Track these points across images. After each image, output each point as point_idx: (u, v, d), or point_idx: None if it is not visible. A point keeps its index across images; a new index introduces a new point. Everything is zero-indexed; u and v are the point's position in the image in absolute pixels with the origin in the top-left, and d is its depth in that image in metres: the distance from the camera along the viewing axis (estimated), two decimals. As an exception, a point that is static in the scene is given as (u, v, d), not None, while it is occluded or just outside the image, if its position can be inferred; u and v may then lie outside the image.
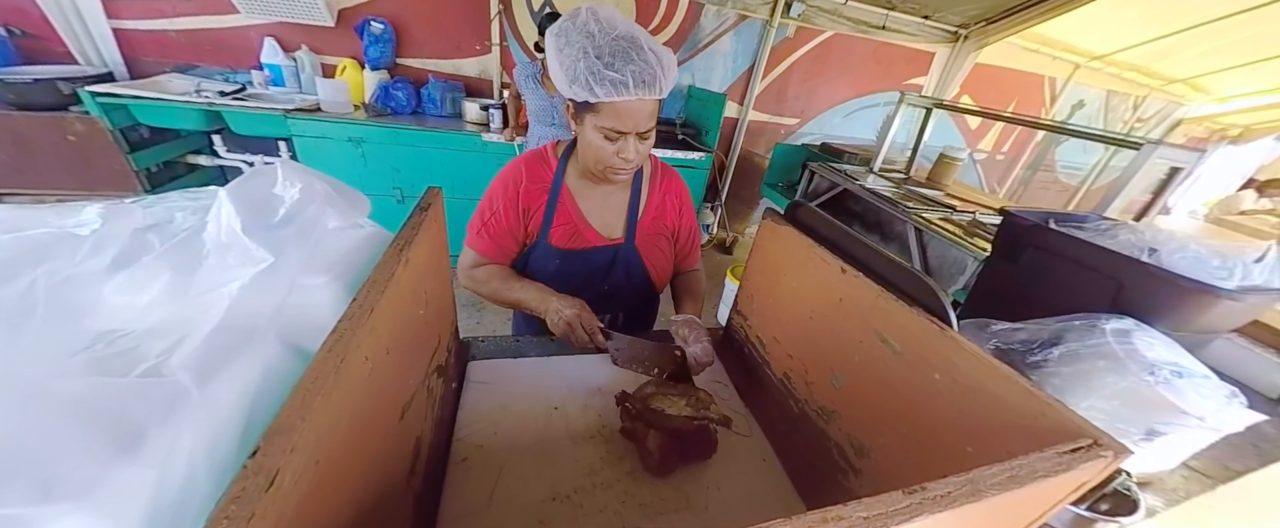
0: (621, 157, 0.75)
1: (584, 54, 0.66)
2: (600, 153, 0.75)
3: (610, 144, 0.73)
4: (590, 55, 0.66)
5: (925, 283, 0.49)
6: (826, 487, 0.61)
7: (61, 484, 0.18)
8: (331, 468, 0.27)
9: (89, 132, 1.91)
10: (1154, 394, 0.68)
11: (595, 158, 0.77)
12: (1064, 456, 0.31)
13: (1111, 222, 1.17)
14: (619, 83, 0.66)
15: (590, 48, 0.66)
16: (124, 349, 0.25)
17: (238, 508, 0.19)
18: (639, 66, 0.66)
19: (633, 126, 0.71)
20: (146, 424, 0.21)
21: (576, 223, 0.87)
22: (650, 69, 0.67)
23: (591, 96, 0.68)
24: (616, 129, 0.71)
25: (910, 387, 0.49)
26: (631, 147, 0.73)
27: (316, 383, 0.26)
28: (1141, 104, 4.19)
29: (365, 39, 2.36)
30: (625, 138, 0.73)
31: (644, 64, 0.67)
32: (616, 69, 0.65)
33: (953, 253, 1.65)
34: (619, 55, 0.66)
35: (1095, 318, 0.82)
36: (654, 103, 0.71)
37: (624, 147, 0.73)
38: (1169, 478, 0.79)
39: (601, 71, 0.65)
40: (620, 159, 0.75)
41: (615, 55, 0.66)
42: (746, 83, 3.14)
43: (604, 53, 0.66)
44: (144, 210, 0.35)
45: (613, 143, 0.73)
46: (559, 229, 0.87)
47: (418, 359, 0.49)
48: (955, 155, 2.25)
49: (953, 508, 0.26)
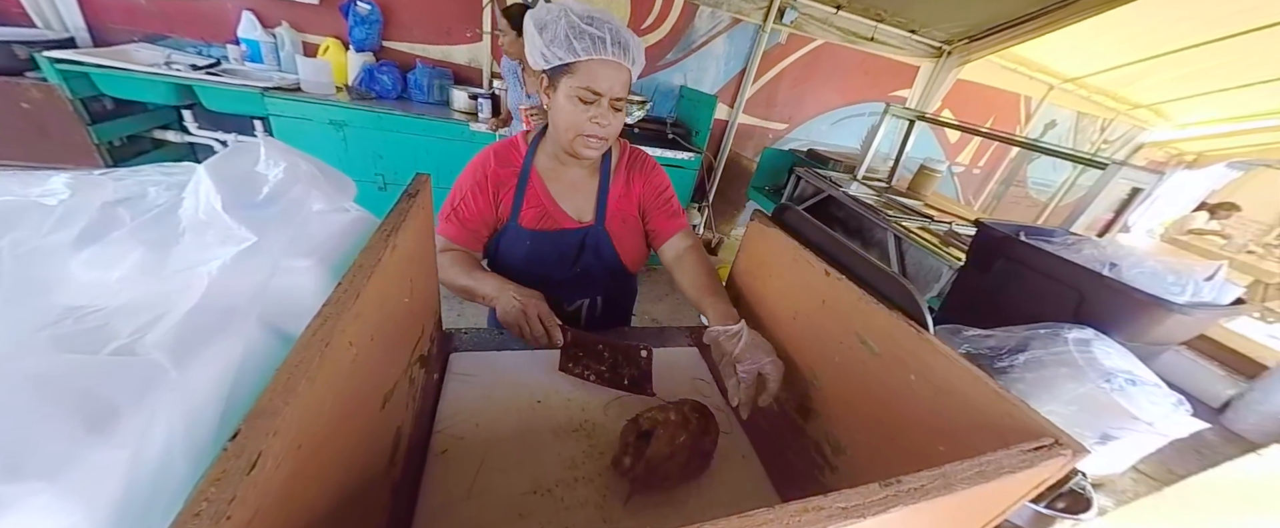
0: (595, 122, 0.76)
1: (564, 15, 0.72)
2: (574, 118, 0.76)
3: (584, 108, 0.75)
4: (570, 16, 0.71)
5: (904, 287, 0.51)
6: (804, 483, 0.62)
7: (29, 463, 0.17)
8: (313, 454, 0.26)
9: (46, 100, 1.80)
10: (1109, 400, 0.72)
11: (569, 125, 0.77)
12: (1028, 453, 0.33)
13: (1077, 237, 1.23)
14: (597, 39, 0.71)
15: (570, 13, 0.72)
16: (93, 326, 0.24)
17: (218, 491, 0.18)
18: (614, 29, 0.73)
19: (607, 88, 0.74)
20: (119, 403, 0.20)
21: (546, 205, 0.88)
22: (622, 35, 0.73)
23: (569, 54, 0.72)
24: (592, 88, 0.73)
25: (887, 387, 0.50)
26: (605, 113, 0.76)
27: (300, 366, 0.25)
28: (1108, 126, 4.41)
29: (350, 19, 2.28)
30: (599, 101, 0.75)
31: (617, 30, 0.73)
32: (595, 26, 0.71)
33: (929, 261, 1.71)
34: (596, 20, 0.72)
35: (1059, 327, 0.86)
36: (626, 72, 0.75)
37: (598, 112, 0.75)
38: (1119, 480, 0.83)
39: (581, 27, 0.71)
40: (594, 125, 0.76)
41: (593, 20, 0.72)
42: (737, 86, 3.17)
43: (583, 16, 0.72)
44: (114, 183, 0.33)
45: (586, 106, 0.75)
46: (529, 212, 0.87)
47: (401, 348, 0.48)
48: (935, 167, 2.33)
49: (926, 500, 0.27)
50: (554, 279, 0.90)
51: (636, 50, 0.76)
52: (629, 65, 0.75)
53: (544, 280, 0.85)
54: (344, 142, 2.15)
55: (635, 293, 1.15)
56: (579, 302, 1.00)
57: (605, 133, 0.78)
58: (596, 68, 0.72)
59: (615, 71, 0.74)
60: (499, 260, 0.92)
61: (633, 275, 1.03)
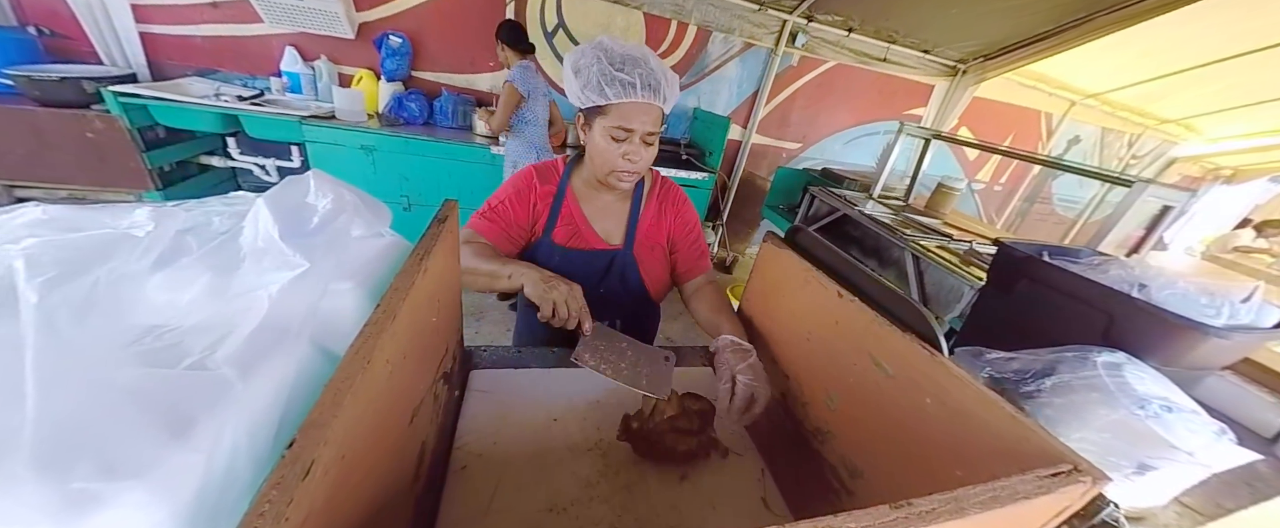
0: (628, 158, 0.80)
1: (598, 61, 0.76)
2: (608, 155, 0.81)
3: (617, 145, 0.79)
4: (603, 62, 0.76)
5: (917, 309, 0.51)
6: (820, 508, 0.61)
7: (123, 464, 0.20)
8: (353, 465, 0.28)
9: (108, 129, 1.96)
10: (1144, 428, 0.69)
11: (603, 161, 0.82)
12: (1044, 479, 0.33)
13: (1104, 256, 1.20)
14: (628, 84, 0.75)
15: (604, 57, 0.76)
16: (171, 343, 0.27)
17: (278, 494, 0.21)
18: (645, 72, 0.76)
19: (639, 127, 0.78)
20: (195, 413, 0.23)
21: (578, 225, 0.92)
22: (654, 76, 0.77)
23: (602, 98, 0.76)
24: (624, 127, 0.78)
25: (902, 410, 0.50)
26: (637, 149, 0.80)
27: (345, 382, 0.27)
28: (1136, 141, 4.29)
29: (383, 51, 2.43)
30: (631, 138, 0.79)
31: (649, 71, 0.77)
32: (626, 71, 0.75)
33: (949, 281, 1.68)
34: (628, 63, 0.76)
35: (1087, 350, 0.84)
36: (658, 110, 0.79)
37: (630, 149, 0.80)
38: (1161, 514, 0.79)
39: (612, 74, 0.75)
40: (626, 161, 0.80)
41: (625, 63, 0.76)
42: (750, 107, 3.22)
43: (615, 61, 0.76)
44: (185, 213, 0.37)
45: (619, 144, 0.79)
46: (562, 228, 0.91)
47: (428, 365, 0.51)
48: (953, 185, 2.30)
49: (937, 523, 0.27)
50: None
51: (669, 88, 0.79)
52: (660, 104, 0.79)
53: None
54: (373, 165, 2.26)
55: (658, 319, 1.15)
56: (600, 321, 1.01)
57: (637, 167, 0.82)
58: (628, 109, 0.77)
59: (646, 111, 0.78)
60: None
61: (656, 304, 1.04)
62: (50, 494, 0.18)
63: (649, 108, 0.78)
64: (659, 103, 0.78)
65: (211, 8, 2.25)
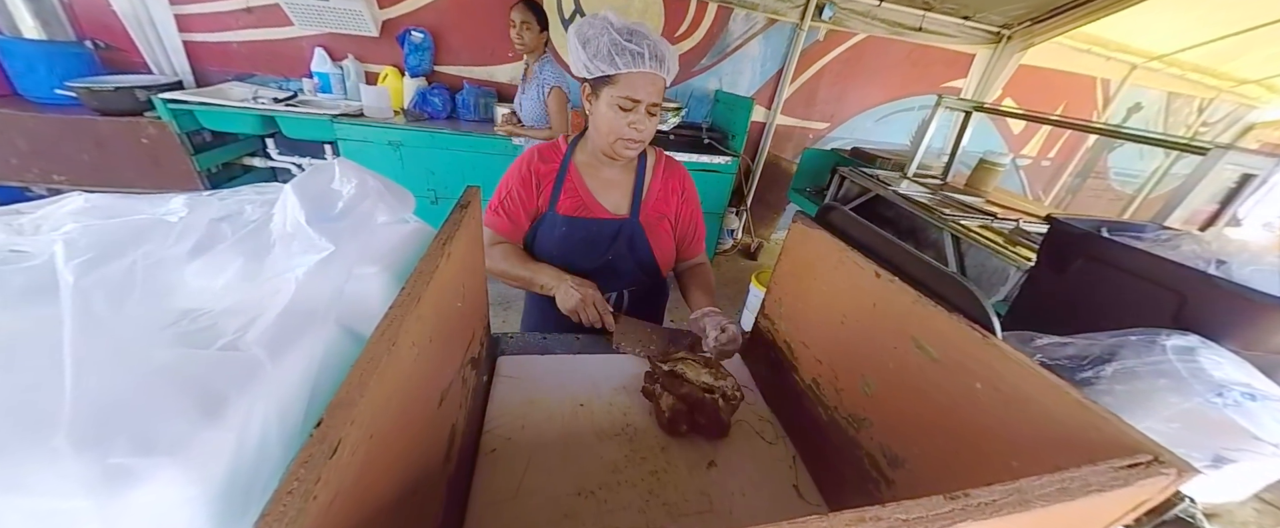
0: (633, 127, 0.83)
1: (607, 31, 0.79)
2: (614, 125, 0.84)
3: (624, 115, 0.83)
4: (612, 32, 0.79)
5: (966, 288, 0.47)
6: (855, 496, 0.59)
7: (158, 441, 0.20)
8: (382, 445, 0.28)
9: (160, 135, 2.09)
10: (1222, 417, 0.63)
11: (608, 130, 0.85)
12: (1120, 471, 0.29)
13: (1173, 231, 1.10)
14: (636, 54, 0.78)
15: (611, 29, 0.79)
16: (205, 325, 0.27)
17: (306, 472, 0.21)
18: (651, 43, 0.80)
19: (645, 97, 0.81)
20: (227, 392, 0.23)
21: (583, 197, 0.95)
22: (659, 48, 0.80)
23: (612, 68, 0.80)
24: (631, 97, 0.81)
25: (948, 395, 0.47)
26: (642, 119, 0.83)
27: (372, 363, 0.27)
28: (1208, 107, 3.90)
29: (406, 48, 2.47)
30: (637, 108, 0.82)
31: (654, 42, 0.80)
32: (634, 42, 0.78)
33: (993, 262, 1.58)
34: (635, 36, 0.79)
35: (1154, 334, 0.77)
36: (662, 81, 0.83)
37: (636, 118, 0.83)
38: (1239, 511, 0.72)
39: (622, 44, 0.78)
40: (632, 130, 0.84)
41: (632, 35, 0.79)
42: (774, 87, 3.11)
43: (623, 34, 0.79)
44: (219, 202, 0.38)
45: (626, 114, 0.83)
46: (567, 200, 0.94)
47: (455, 349, 0.51)
48: (997, 161, 2.16)
49: (998, 517, 0.25)
50: (582, 267, 0.96)
51: (671, 60, 0.83)
52: (664, 75, 0.82)
53: (579, 268, 0.94)
54: (401, 159, 2.32)
55: (666, 295, 1.19)
56: (608, 294, 1.05)
57: (642, 136, 0.85)
58: (636, 79, 0.80)
59: (652, 81, 0.81)
60: (535, 246, 0.98)
61: (663, 279, 1.09)
62: (88, 469, 0.18)
63: (654, 78, 0.81)
64: (663, 74, 0.82)
65: (246, 13, 2.34)
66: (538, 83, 1.98)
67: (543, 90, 1.97)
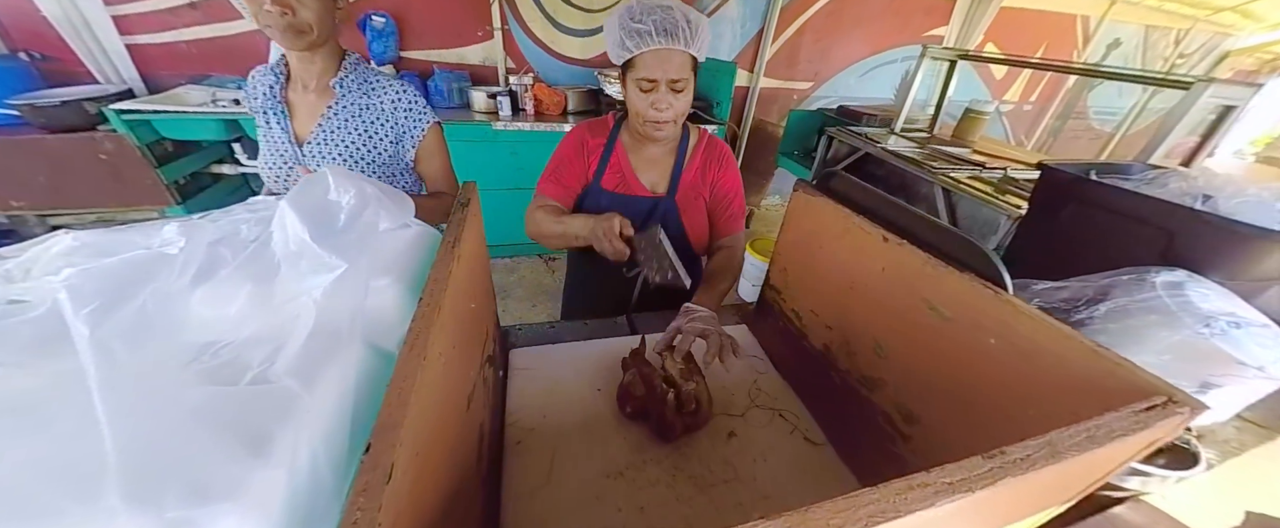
0: (655, 107, 0.82)
1: (620, 17, 0.79)
2: (638, 106, 0.84)
3: (646, 96, 0.82)
4: (623, 16, 0.79)
5: (976, 247, 0.48)
6: (873, 454, 0.62)
7: (212, 486, 0.20)
8: (427, 459, 0.29)
9: (118, 149, 1.97)
10: (1209, 347, 0.66)
11: (635, 112, 0.86)
12: (1140, 414, 0.31)
13: (1159, 169, 1.12)
14: (643, 33, 0.76)
15: (625, 12, 0.79)
16: (228, 359, 0.27)
17: (366, 501, 0.20)
18: (660, 17, 0.76)
19: (661, 75, 0.79)
20: (269, 427, 0.23)
21: (625, 174, 0.97)
22: (671, 19, 0.76)
23: (626, 52, 0.79)
24: (647, 78, 0.80)
25: (962, 352, 0.48)
26: (664, 97, 0.82)
27: (407, 380, 0.27)
28: (1184, 38, 3.90)
29: (368, 34, 2.34)
30: (657, 88, 0.81)
31: (665, 14, 0.76)
32: (640, 20, 0.77)
33: (983, 212, 1.60)
34: (645, 12, 0.77)
35: (1144, 272, 0.79)
36: (680, 54, 0.79)
37: (657, 97, 0.82)
38: (1220, 430, 0.77)
39: (630, 25, 0.77)
40: (655, 110, 0.83)
41: (643, 13, 0.77)
42: (756, 48, 3.02)
43: (635, 14, 0.78)
44: (212, 225, 0.36)
45: (647, 95, 0.82)
46: (610, 176, 0.97)
47: (473, 351, 0.51)
48: (982, 109, 2.15)
49: (1034, 471, 0.26)
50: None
51: (688, 32, 0.78)
52: (682, 47, 0.78)
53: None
54: (378, 156, 2.24)
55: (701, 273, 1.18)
56: (638, 270, 1.05)
57: (667, 116, 0.84)
58: (649, 59, 0.79)
59: (666, 57, 0.78)
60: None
61: (696, 258, 1.07)
62: (147, 526, 0.18)
63: (669, 54, 0.78)
64: (679, 46, 0.77)
65: (191, 9, 2.17)
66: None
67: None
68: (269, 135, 0.89)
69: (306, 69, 0.87)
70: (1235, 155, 3.38)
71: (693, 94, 0.86)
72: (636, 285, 1.08)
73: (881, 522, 0.22)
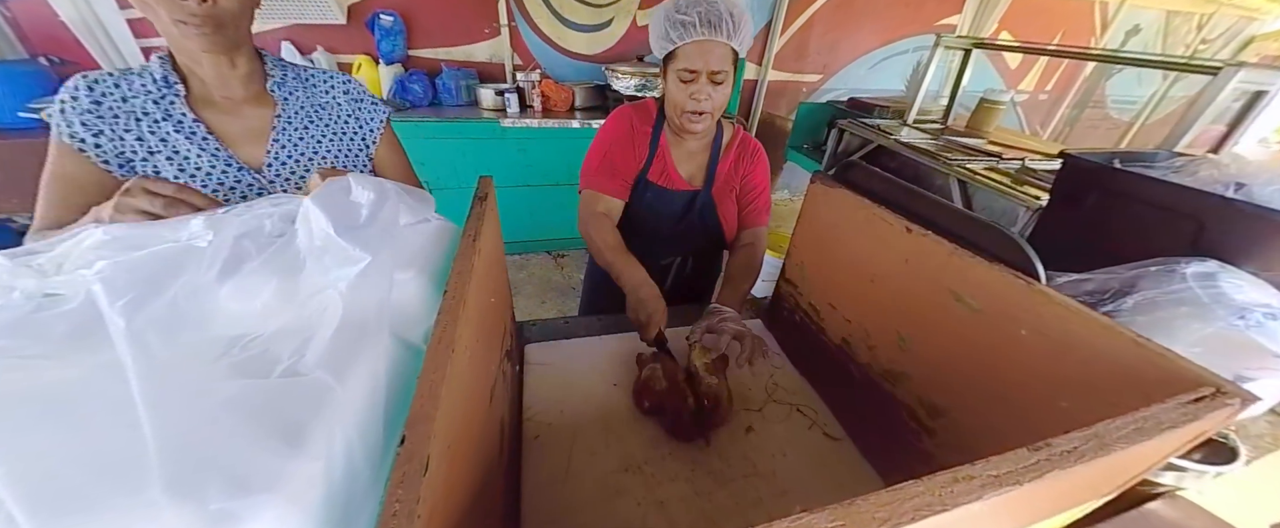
0: (694, 98, 0.82)
1: (666, 10, 0.79)
2: (678, 97, 0.84)
3: (685, 87, 0.82)
4: (669, 8, 0.79)
5: (1007, 235, 0.47)
6: (895, 449, 0.61)
7: (252, 478, 0.20)
8: (457, 452, 0.28)
9: (135, 150, 2.00)
10: (1243, 339, 0.64)
11: (674, 105, 0.85)
12: (1188, 405, 0.30)
13: (1187, 157, 1.08)
14: (687, 24, 0.77)
15: (671, 5, 0.79)
16: (257, 352, 0.27)
17: (405, 492, 0.20)
18: (705, 9, 0.76)
19: (702, 66, 0.79)
20: (303, 420, 0.23)
21: (667, 165, 0.96)
22: (715, 11, 0.77)
23: (669, 43, 0.80)
24: (689, 68, 0.80)
25: (991, 344, 0.47)
26: (703, 88, 0.81)
27: (437, 372, 0.27)
28: (1207, 23, 3.78)
29: (376, 33, 2.35)
30: (697, 79, 0.80)
31: (710, 6, 0.77)
32: (683, 11, 0.77)
33: (1000, 204, 1.57)
34: (691, 4, 0.77)
35: (1174, 263, 0.77)
36: (723, 46, 0.79)
37: (697, 89, 0.81)
38: (1252, 425, 0.75)
39: (675, 17, 0.78)
40: (694, 101, 0.82)
41: (688, 5, 0.77)
42: (764, 40, 2.98)
43: (681, 6, 0.78)
44: (238, 219, 0.36)
45: (687, 86, 0.82)
46: (656, 165, 0.96)
47: (494, 345, 0.51)
48: (997, 99, 2.11)
49: (1082, 463, 0.25)
50: (658, 233, 1.00)
51: (731, 24, 0.78)
52: (723, 40, 0.78)
53: (652, 233, 0.98)
54: (388, 154, 2.25)
55: (720, 268, 1.20)
56: (672, 258, 1.08)
57: (706, 107, 0.83)
58: (691, 50, 0.79)
59: (709, 49, 0.78)
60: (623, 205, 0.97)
61: (725, 246, 1.08)
62: (190, 518, 0.18)
63: (711, 46, 0.78)
64: (722, 39, 0.78)
65: (201, 10, 2.20)
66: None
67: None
68: (182, 165, 0.65)
69: (225, 77, 0.66)
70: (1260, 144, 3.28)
71: (731, 88, 0.85)
72: (669, 276, 1.10)
73: (928, 515, 0.22)
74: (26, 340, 0.22)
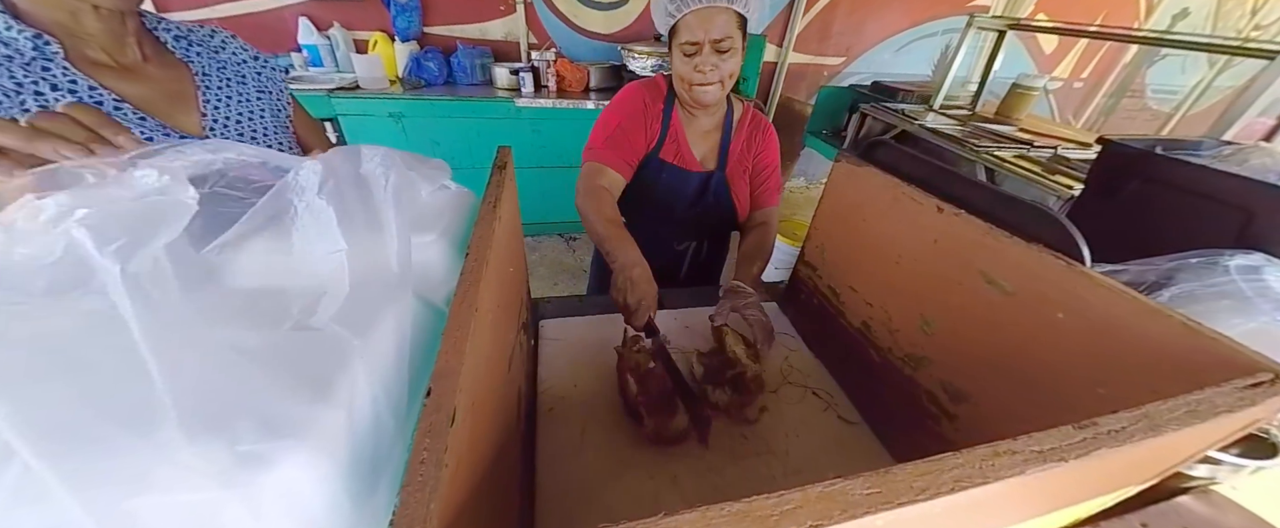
0: (699, 70, 0.79)
1: None
2: (683, 71, 0.81)
3: (690, 60, 0.79)
4: None
5: (1048, 215, 0.44)
6: (914, 433, 0.60)
7: (279, 424, 0.20)
8: (479, 411, 0.28)
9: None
10: (1290, 334, 0.61)
11: (681, 79, 0.83)
12: (1246, 390, 0.28)
13: (1235, 145, 1.03)
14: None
15: None
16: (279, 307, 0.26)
17: (432, 441, 0.20)
18: None
19: (703, 35, 0.76)
20: (326, 371, 0.22)
21: (681, 145, 0.94)
22: None
23: (669, 17, 0.77)
24: (691, 40, 0.77)
25: (1023, 328, 0.46)
26: (708, 58, 0.78)
27: (461, 330, 0.26)
28: (1261, 8, 3.54)
29: (392, 10, 2.32)
30: (701, 51, 0.77)
31: None
32: None
33: (1030, 193, 1.51)
34: None
35: (1216, 254, 0.73)
36: (726, 12, 0.75)
37: (701, 60, 0.78)
38: (1292, 424, 0.72)
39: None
40: (698, 73, 0.79)
41: None
42: (785, 21, 2.88)
43: None
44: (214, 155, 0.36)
45: (691, 58, 0.79)
46: (669, 145, 0.93)
47: (512, 315, 0.50)
48: (1031, 85, 2.01)
49: (1130, 443, 0.24)
50: (672, 216, 0.97)
51: None
52: (725, 4, 0.75)
53: (666, 216, 0.96)
54: (403, 132, 2.25)
55: (727, 250, 1.18)
56: (687, 243, 1.06)
57: (712, 77, 0.80)
58: (691, 20, 0.76)
59: (709, 16, 0.75)
60: (634, 188, 0.92)
61: (737, 226, 1.06)
62: (218, 459, 0.18)
63: (712, 13, 0.74)
64: (723, 4, 0.74)
65: (221, -18, 2.20)
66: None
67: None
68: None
69: (117, 36, 0.54)
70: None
71: (741, 57, 0.81)
72: (685, 262, 1.08)
73: (967, 487, 0.21)
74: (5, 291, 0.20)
